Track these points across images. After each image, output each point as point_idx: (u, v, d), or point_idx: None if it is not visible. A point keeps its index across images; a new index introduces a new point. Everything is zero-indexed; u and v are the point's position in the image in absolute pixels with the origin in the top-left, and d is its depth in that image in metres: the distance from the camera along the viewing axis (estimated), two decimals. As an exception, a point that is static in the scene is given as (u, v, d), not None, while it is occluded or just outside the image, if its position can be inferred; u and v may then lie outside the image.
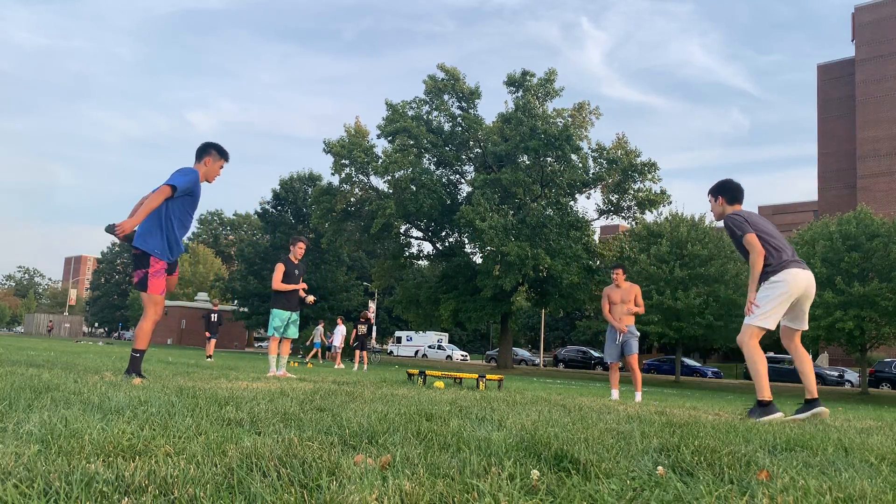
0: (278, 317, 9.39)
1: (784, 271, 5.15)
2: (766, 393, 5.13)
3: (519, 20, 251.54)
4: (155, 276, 5.37)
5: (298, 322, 9.65)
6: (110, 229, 5.17)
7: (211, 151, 5.69)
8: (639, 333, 8.94)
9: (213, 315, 19.92)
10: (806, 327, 5.42)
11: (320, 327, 23.27)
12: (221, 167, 5.76)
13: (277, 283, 9.38)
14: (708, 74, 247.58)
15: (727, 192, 5.56)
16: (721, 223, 5.72)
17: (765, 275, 5.25)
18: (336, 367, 20.84)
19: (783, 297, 5.13)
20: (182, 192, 5.36)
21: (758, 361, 5.18)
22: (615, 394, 8.80)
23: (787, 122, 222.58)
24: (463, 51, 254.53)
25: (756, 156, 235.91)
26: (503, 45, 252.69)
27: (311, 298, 9.75)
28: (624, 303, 8.89)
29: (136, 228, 5.32)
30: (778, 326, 5.35)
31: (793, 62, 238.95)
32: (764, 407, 5.12)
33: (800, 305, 5.28)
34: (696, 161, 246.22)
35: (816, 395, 5.29)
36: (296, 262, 9.60)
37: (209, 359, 17.29)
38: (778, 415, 5.06)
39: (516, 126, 36.61)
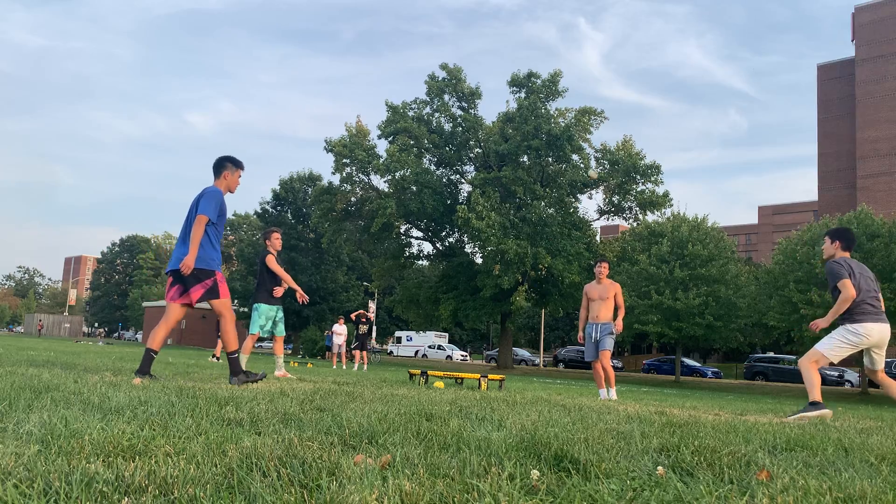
0: (264, 314, 8.92)
1: (863, 324, 5.84)
2: (817, 395, 5.87)
3: (517, 21, 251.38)
4: (222, 282, 5.77)
5: (283, 319, 9.29)
6: (177, 272, 5.64)
7: (227, 165, 5.98)
8: (614, 331, 8.57)
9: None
10: (881, 367, 6.05)
11: (338, 326, 23.07)
12: (240, 176, 6.09)
13: (276, 265, 8.83)
14: (705, 75, 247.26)
15: (844, 239, 6.18)
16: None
17: (847, 316, 5.93)
18: (335, 367, 20.83)
19: (853, 345, 5.88)
20: (217, 217, 5.79)
21: (813, 377, 5.94)
22: (603, 393, 8.60)
23: (785, 123, 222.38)
24: (461, 51, 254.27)
25: (755, 156, 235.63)
26: (501, 45, 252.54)
27: (301, 295, 9.41)
28: (602, 300, 8.61)
29: (197, 256, 5.67)
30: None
31: (790, 63, 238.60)
32: (815, 405, 5.80)
33: (873, 352, 5.97)
34: (695, 162, 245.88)
35: None
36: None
37: (217, 359, 17.05)
38: (826, 411, 5.73)
39: (519, 125, 36.61)
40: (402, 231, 41.29)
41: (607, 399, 8.13)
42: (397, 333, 64.87)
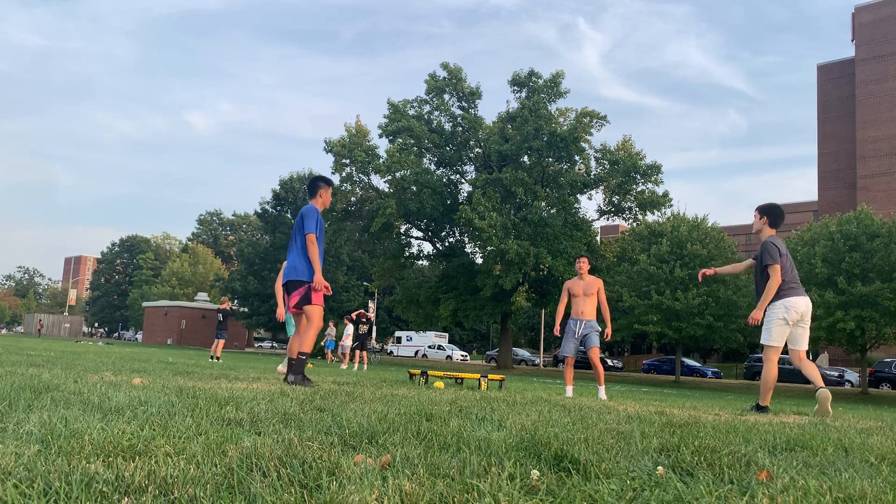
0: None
1: (789, 299, 6.13)
2: (766, 400, 6.33)
3: (516, 21, 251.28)
4: (316, 291, 6.23)
5: None
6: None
7: (321, 185, 6.49)
8: (600, 328, 8.43)
9: (219, 314, 19.72)
10: (804, 347, 6.27)
11: (349, 328, 22.95)
12: (331, 193, 6.69)
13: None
14: (705, 75, 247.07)
15: (771, 215, 6.39)
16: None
17: (773, 297, 6.15)
18: (343, 367, 20.82)
19: (787, 321, 6.14)
20: (322, 232, 6.39)
21: (770, 374, 6.28)
22: (569, 391, 8.33)
23: (784, 123, 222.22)
24: (461, 52, 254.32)
25: (754, 156, 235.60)
26: (501, 46, 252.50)
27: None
28: (586, 295, 8.44)
29: (292, 266, 6.25)
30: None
31: (789, 63, 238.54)
32: (761, 410, 6.24)
33: (798, 327, 6.22)
34: (694, 162, 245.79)
35: (823, 384, 6.19)
36: None
37: (218, 360, 17.04)
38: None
39: (521, 125, 36.59)
40: (402, 231, 41.29)
41: (600, 397, 8.10)
42: (397, 333, 64.85)
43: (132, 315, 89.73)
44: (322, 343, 31.07)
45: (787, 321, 6.13)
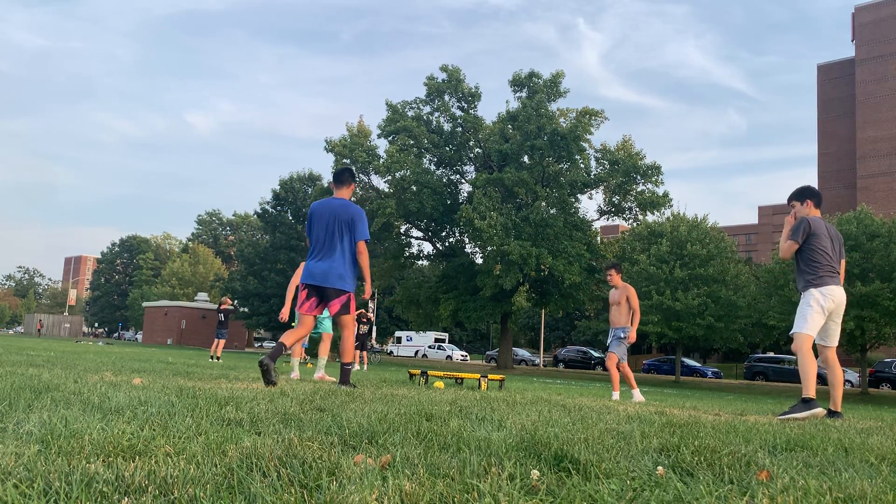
0: None
1: (829, 287, 5.87)
2: (811, 391, 5.83)
3: (516, 22, 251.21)
4: (352, 300, 6.43)
5: (329, 317, 8.84)
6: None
7: (351, 178, 6.63)
8: (623, 336, 8.63)
9: (220, 314, 19.57)
10: (835, 343, 5.99)
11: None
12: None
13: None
14: (704, 76, 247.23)
15: (815, 196, 6.24)
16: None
17: (807, 283, 5.92)
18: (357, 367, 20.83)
19: (823, 310, 5.85)
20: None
21: (807, 364, 5.86)
22: (615, 395, 8.64)
23: (784, 123, 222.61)
24: (460, 52, 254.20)
25: (754, 156, 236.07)
26: (500, 46, 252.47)
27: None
28: (616, 304, 8.72)
29: (337, 272, 6.21)
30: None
31: (788, 63, 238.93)
32: (807, 402, 5.79)
33: (830, 320, 5.93)
34: (694, 162, 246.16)
35: (839, 409, 5.92)
36: None
37: (218, 360, 17.01)
38: (818, 410, 5.58)
39: (523, 124, 36.57)
40: (401, 231, 41.27)
41: (612, 399, 8.10)
42: (397, 333, 64.82)
43: (132, 315, 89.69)
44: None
45: (824, 309, 5.84)
